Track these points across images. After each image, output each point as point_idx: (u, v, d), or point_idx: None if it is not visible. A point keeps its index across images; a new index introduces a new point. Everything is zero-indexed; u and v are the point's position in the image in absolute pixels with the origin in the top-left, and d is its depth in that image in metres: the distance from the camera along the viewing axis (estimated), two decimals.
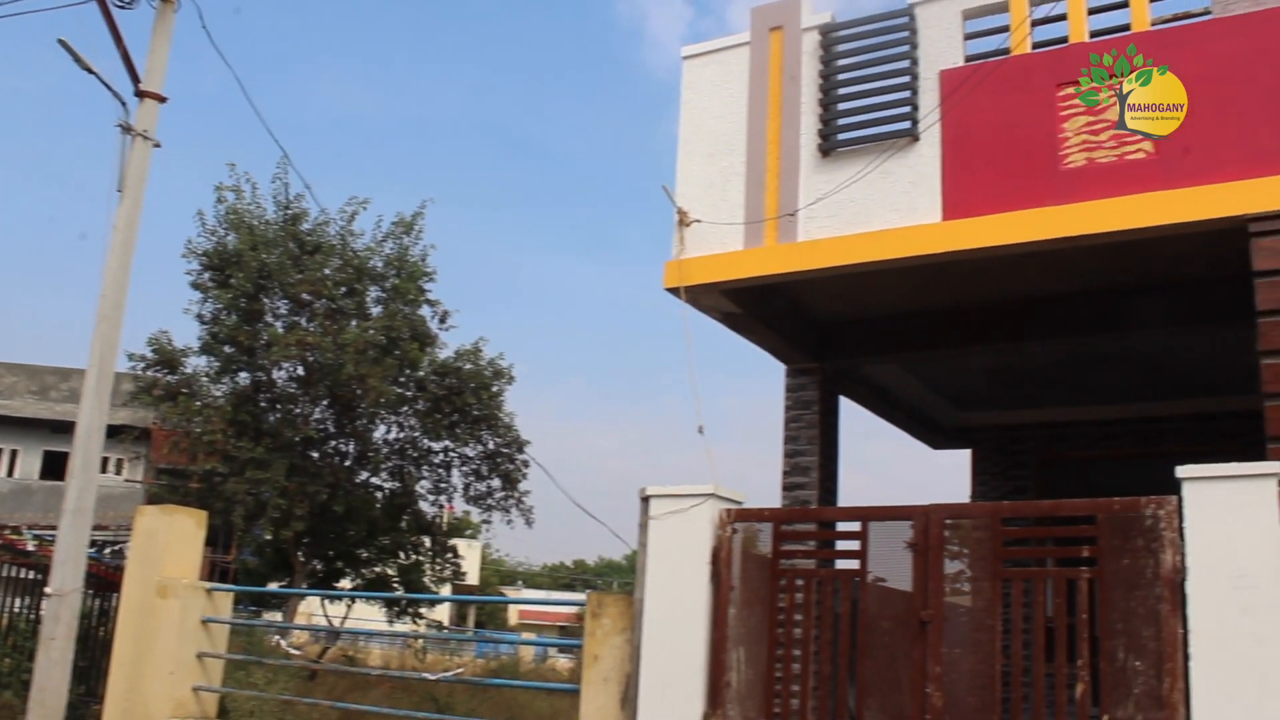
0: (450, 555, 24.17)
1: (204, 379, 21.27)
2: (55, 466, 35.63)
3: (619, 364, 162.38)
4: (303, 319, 20.85)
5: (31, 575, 11.65)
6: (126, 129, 9.41)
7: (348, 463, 21.96)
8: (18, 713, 9.38)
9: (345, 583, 23.54)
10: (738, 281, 9.28)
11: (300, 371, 21.06)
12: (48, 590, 8.96)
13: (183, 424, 20.67)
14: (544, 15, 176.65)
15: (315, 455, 21.45)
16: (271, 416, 21.20)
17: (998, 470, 13.79)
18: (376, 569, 23.51)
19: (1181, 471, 5.61)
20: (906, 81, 8.79)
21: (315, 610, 29.19)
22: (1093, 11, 8.36)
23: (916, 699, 6.19)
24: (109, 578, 10.82)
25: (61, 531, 8.91)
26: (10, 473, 37.88)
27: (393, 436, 22.64)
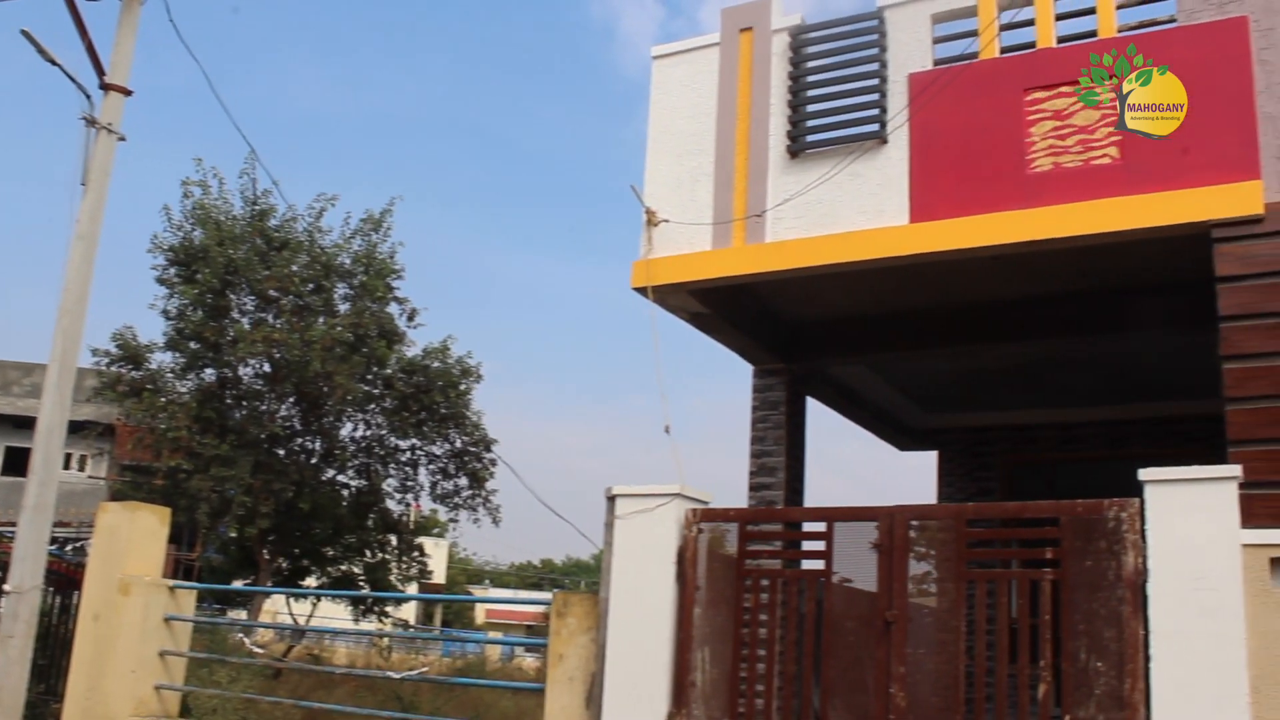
0: (417, 554, 24.05)
1: (169, 375, 21.03)
2: (17, 463, 35.19)
3: (588, 363, 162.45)
4: (269, 315, 20.69)
5: None
6: (91, 122, 9.31)
7: (314, 460, 21.80)
8: None
9: (311, 581, 23.36)
10: (705, 282, 9.29)
11: (266, 368, 20.88)
12: (6, 587, 8.84)
13: (147, 420, 20.44)
14: (517, 13, 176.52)
15: (281, 452, 21.28)
16: (237, 413, 21.01)
17: (964, 472, 13.88)
18: (342, 567, 23.36)
19: (1144, 474, 5.67)
20: (875, 84, 8.82)
21: (280, 609, 29.01)
22: (1060, 17, 8.41)
23: (881, 699, 6.21)
24: (70, 575, 10.71)
25: (21, 528, 8.81)
26: None
27: (359, 434, 22.52)
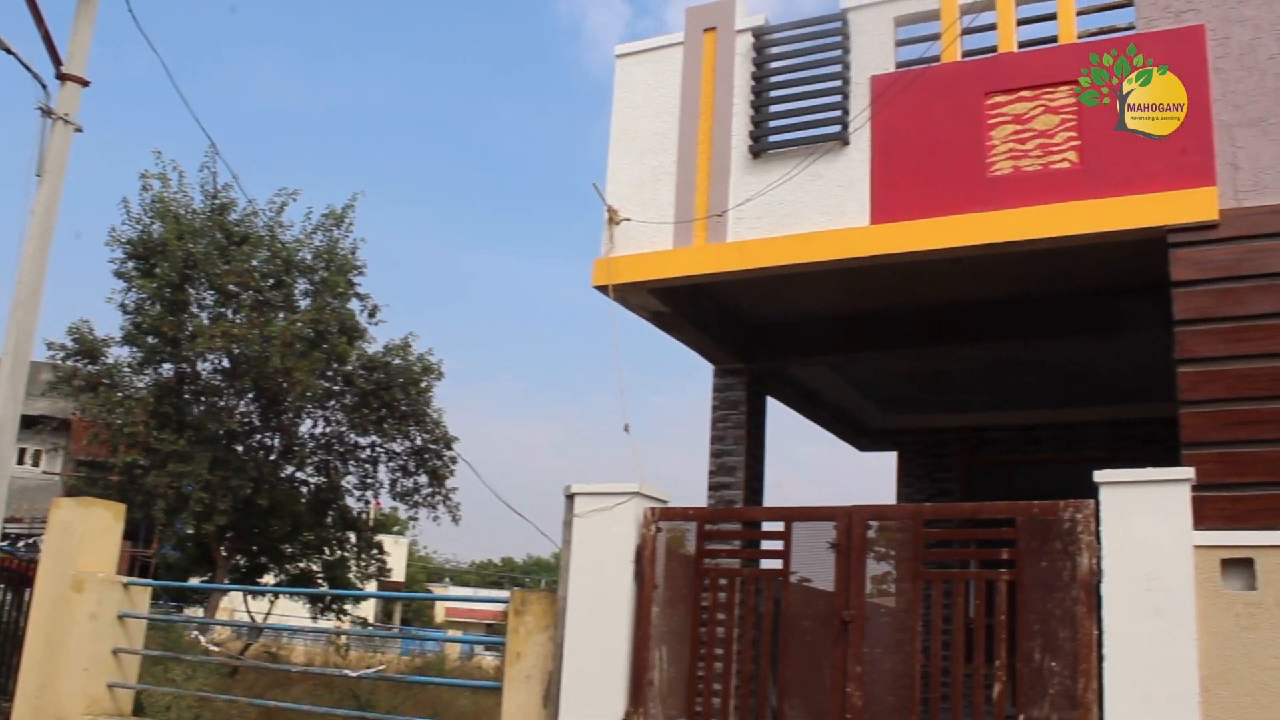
0: (376, 551, 23.99)
1: (126, 370, 20.85)
2: None
3: (552, 362, 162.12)
4: (229, 310, 20.56)
5: None
6: (47, 112, 9.18)
7: (273, 457, 21.66)
8: None
9: (269, 578, 23.24)
10: (666, 281, 9.28)
11: (225, 364, 20.73)
12: None
13: (103, 415, 20.25)
14: (482, 10, 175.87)
15: (239, 449, 21.14)
16: (195, 409, 20.86)
17: (923, 473, 13.95)
18: (301, 565, 23.26)
19: (1099, 476, 5.72)
20: (838, 85, 8.84)
21: (238, 606, 28.80)
22: (1021, 23, 8.47)
23: (837, 698, 6.24)
24: (23, 571, 10.56)
25: None
26: None
27: (319, 431, 22.44)
